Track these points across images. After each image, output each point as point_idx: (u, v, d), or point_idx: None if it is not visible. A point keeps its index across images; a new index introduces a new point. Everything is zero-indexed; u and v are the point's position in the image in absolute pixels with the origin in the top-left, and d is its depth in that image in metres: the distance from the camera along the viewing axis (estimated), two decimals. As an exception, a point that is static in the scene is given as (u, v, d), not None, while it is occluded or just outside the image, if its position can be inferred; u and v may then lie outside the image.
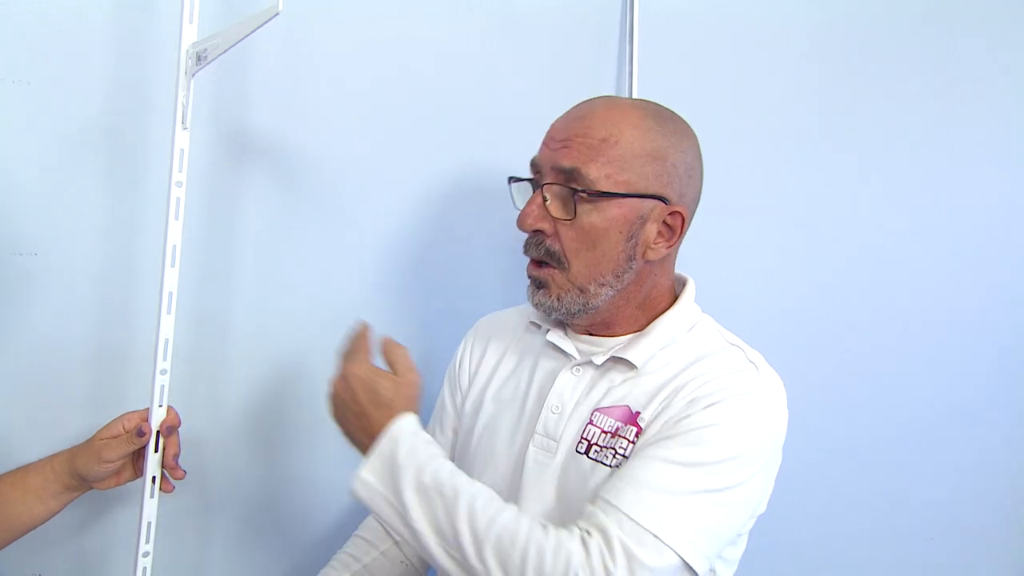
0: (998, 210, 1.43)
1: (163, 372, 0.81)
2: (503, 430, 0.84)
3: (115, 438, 0.81)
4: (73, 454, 0.81)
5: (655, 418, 0.74)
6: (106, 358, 0.91)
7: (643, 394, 0.77)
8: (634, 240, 0.78)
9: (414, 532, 0.67)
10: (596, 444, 0.76)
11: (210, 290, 0.96)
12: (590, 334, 0.84)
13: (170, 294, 0.80)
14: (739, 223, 1.25)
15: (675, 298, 0.84)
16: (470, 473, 0.85)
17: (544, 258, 0.79)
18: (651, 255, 0.79)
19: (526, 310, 0.90)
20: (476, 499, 0.66)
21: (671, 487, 0.68)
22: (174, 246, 0.80)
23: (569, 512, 0.75)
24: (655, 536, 0.65)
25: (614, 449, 0.75)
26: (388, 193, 1.06)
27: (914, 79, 1.35)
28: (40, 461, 0.81)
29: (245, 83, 0.97)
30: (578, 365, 0.82)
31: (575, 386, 0.81)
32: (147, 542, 0.81)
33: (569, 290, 0.78)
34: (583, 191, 0.75)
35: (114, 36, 0.88)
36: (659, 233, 0.79)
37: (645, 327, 0.81)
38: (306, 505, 1.06)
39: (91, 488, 0.83)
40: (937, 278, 1.40)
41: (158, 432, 0.81)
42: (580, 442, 0.77)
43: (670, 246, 0.80)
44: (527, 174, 0.82)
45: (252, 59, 0.96)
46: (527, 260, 0.83)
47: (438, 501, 0.66)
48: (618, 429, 0.76)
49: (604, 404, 0.78)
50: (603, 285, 0.78)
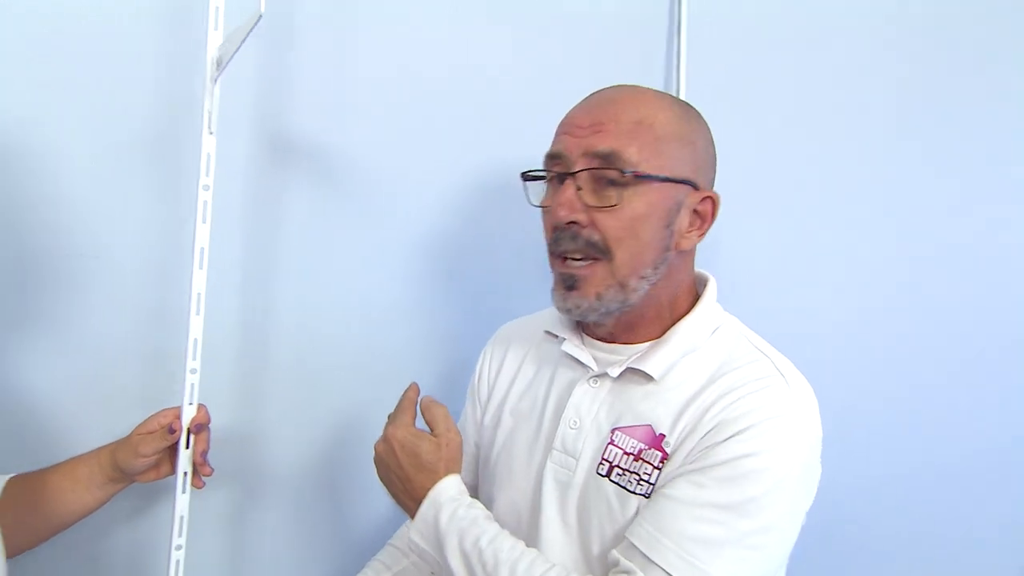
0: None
1: (193, 371, 0.83)
2: (521, 445, 0.81)
3: (150, 434, 0.84)
4: (115, 448, 0.85)
5: (681, 443, 0.69)
6: (156, 356, 0.95)
7: (666, 413, 0.71)
8: (671, 228, 0.73)
9: None
10: (618, 467, 0.72)
11: (246, 291, 0.98)
12: (609, 340, 0.79)
13: (199, 295, 0.83)
14: (787, 220, 1.22)
15: (695, 299, 0.78)
16: (490, 490, 0.84)
17: (585, 250, 0.73)
18: (684, 244, 0.75)
19: (546, 317, 0.86)
20: (517, 565, 0.68)
21: (712, 536, 0.64)
22: (202, 248, 0.82)
23: (590, 534, 0.72)
24: None
25: (638, 475, 0.70)
26: (421, 194, 1.06)
27: (964, 77, 1.31)
28: (89, 453, 0.86)
29: (282, 87, 0.98)
30: (595, 377, 0.77)
31: (593, 399, 0.76)
32: (180, 535, 0.84)
33: (611, 285, 0.73)
34: (628, 172, 0.70)
35: (153, 47, 0.92)
36: (690, 221, 0.75)
37: (665, 332, 0.76)
38: (348, 510, 1.07)
39: (133, 481, 0.86)
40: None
41: (188, 429, 0.84)
42: (601, 463, 0.73)
43: (702, 234, 0.76)
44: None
45: (291, 64, 0.98)
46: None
47: (479, 571, 0.68)
48: (641, 451, 0.71)
49: (624, 423, 0.73)
50: (642, 278, 0.73)
